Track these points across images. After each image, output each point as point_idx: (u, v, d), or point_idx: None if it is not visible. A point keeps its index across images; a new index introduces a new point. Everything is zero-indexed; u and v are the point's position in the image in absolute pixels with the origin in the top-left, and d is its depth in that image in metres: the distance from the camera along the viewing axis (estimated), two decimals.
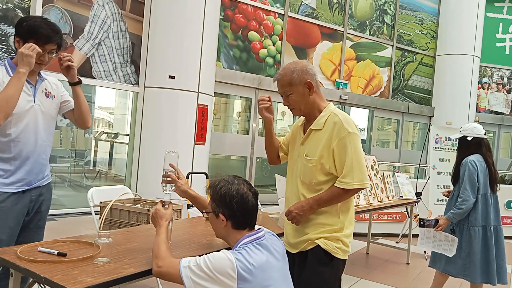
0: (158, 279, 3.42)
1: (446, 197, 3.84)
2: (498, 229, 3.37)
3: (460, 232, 3.35)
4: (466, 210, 3.27)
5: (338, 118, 1.95)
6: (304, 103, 2.01)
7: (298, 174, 2.06)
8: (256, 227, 1.76)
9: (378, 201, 4.38)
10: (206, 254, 1.59)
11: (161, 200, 1.85)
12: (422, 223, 3.45)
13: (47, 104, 2.30)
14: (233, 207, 1.68)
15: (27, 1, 5.57)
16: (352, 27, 9.56)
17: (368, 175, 4.45)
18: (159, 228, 1.78)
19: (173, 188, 1.94)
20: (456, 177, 3.48)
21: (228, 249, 1.67)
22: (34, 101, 2.22)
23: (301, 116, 2.13)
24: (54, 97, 2.39)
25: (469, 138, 3.43)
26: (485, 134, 3.49)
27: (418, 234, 3.63)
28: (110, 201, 3.17)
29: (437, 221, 3.40)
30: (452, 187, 3.67)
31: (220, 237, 1.79)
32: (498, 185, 3.46)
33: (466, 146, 3.43)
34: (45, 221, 2.34)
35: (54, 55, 2.25)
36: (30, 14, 5.56)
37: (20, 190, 2.13)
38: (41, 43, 2.15)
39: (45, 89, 2.34)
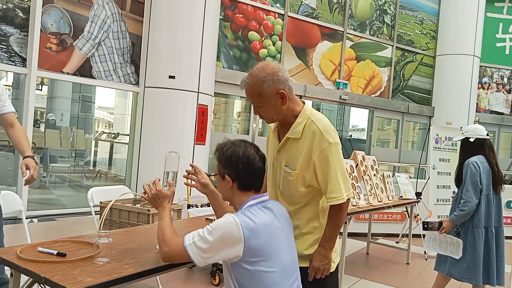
0: (158, 279, 3.43)
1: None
2: (499, 230, 3.35)
3: (465, 234, 3.32)
4: (469, 211, 3.24)
5: (316, 127, 1.81)
6: (276, 113, 1.85)
7: (277, 183, 1.96)
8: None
9: (378, 201, 4.38)
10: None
11: (158, 179, 1.82)
12: (425, 226, 3.41)
13: None
14: (239, 168, 1.67)
15: (27, 1, 5.56)
16: (352, 27, 9.56)
17: (368, 174, 4.45)
18: (162, 211, 1.75)
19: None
20: (459, 179, 3.44)
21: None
22: None
23: None
24: None
25: (471, 140, 3.40)
26: (487, 134, 3.47)
27: (418, 234, 3.65)
28: (110, 201, 3.16)
29: (441, 223, 3.37)
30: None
31: (226, 199, 1.79)
32: (503, 186, 3.43)
33: (469, 148, 3.41)
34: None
35: None
36: (30, 14, 5.56)
37: None
38: None
39: None
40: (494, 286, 3.32)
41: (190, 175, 1.95)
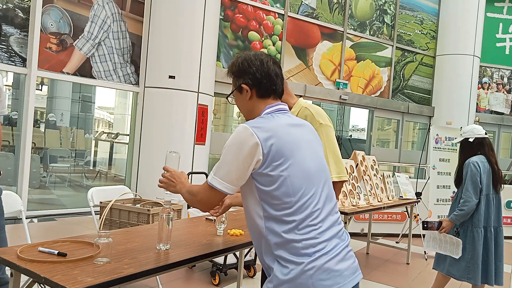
0: (158, 279, 3.43)
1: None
2: (498, 230, 3.36)
3: (464, 233, 3.33)
4: (469, 211, 3.25)
5: (309, 111, 1.89)
6: None
7: None
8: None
9: (378, 201, 4.39)
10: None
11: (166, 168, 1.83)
12: (425, 225, 3.43)
13: None
14: (253, 71, 1.58)
15: (27, 1, 5.56)
16: (352, 27, 9.56)
17: (368, 174, 4.45)
18: (183, 186, 1.73)
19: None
20: (459, 179, 3.45)
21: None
22: None
23: None
24: None
25: (471, 140, 3.42)
26: (486, 133, 3.49)
27: (418, 234, 3.66)
28: (110, 201, 3.17)
29: (440, 223, 3.38)
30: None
31: (247, 114, 1.66)
32: (502, 185, 3.44)
33: (468, 148, 3.43)
34: (0, 224, 2.19)
35: None
36: (30, 14, 5.56)
37: None
38: None
39: None
40: (493, 285, 3.33)
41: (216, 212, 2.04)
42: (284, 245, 1.42)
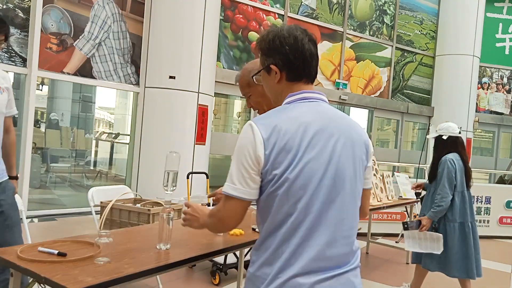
0: (158, 278, 3.44)
1: (414, 191, 4.13)
2: (473, 225, 3.52)
3: (438, 228, 3.50)
4: (446, 207, 3.39)
5: None
6: (266, 103, 1.83)
7: None
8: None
9: (378, 201, 4.39)
10: None
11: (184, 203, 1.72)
12: (406, 226, 3.52)
13: None
14: (285, 51, 1.36)
15: (27, 1, 5.57)
16: (352, 28, 9.57)
17: None
18: (204, 215, 1.56)
19: (174, 188, 1.94)
20: (433, 174, 3.58)
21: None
22: None
23: None
24: (4, 91, 2.18)
25: (444, 137, 3.54)
26: (459, 132, 3.62)
27: None
28: (111, 201, 3.17)
29: (419, 221, 3.49)
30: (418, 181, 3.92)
31: (274, 98, 1.47)
32: (472, 180, 3.63)
33: (442, 145, 3.55)
34: (14, 220, 2.23)
35: (3, 45, 2.08)
36: (31, 14, 5.56)
37: None
38: None
39: None
40: (475, 279, 3.47)
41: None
42: None
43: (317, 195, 1.27)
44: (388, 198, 4.60)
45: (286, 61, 1.37)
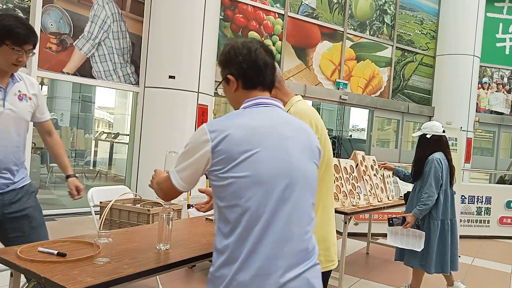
0: (158, 279, 3.43)
1: (383, 168, 4.28)
2: (453, 222, 3.62)
3: (421, 224, 3.57)
4: (431, 205, 3.47)
5: (289, 111, 1.83)
6: None
7: None
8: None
9: (378, 201, 4.39)
10: None
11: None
12: (391, 222, 3.58)
13: (20, 108, 2.15)
14: (239, 61, 1.44)
15: (27, 1, 5.56)
16: (352, 27, 9.56)
17: (368, 174, 4.45)
18: (155, 179, 1.65)
19: None
20: (418, 173, 3.63)
21: None
22: (4, 106, 2.08)
23: None
24: (30, 99, 2.22)
25: (428, 136, 3.60)
26: (443, 131, 3.67)
27: None
28: (110, 201, 3.17)
29: (404, 218, 3.56)
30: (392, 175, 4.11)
31: (235, 106, 1.55)
32: (455, 178, 3.72)
33: (426, 144, 3.62)
34: (38, 221, 2.28)
35: (31, 54, 2.12)
36: (30, 14, 5.56)
37: None
38: (18, 44, 2.04)
39: (18, 91, 2.16)
40: (448, 273, 3.61)
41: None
42: None
43: (270, 194, 1.29)
44: (388, 198, 4.60)
45: (241, 70, 1.45)
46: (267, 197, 1.29)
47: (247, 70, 1.44)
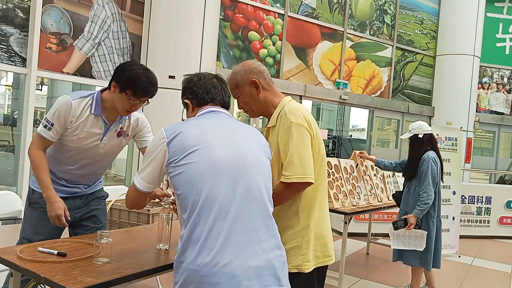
0: (158, 279, 3.43)
1: (360, 157, 4.30)
2: (439, 219, 3.69)
3: (421, 224, 3.60)
4: (430, 204, 3.52)
5: (283, 109, 1.83)
6: (254, 103, 1.92)
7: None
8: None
9: (378, 201, 4.38)
10: None
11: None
12: (396, 226, 3.58)
13: (113, 143, 2.35)
14: (191, 86, 1.75)
15: (27, 1, 5.56)
16: (352, 27, 9.56)
17: (368, 174, 4.45)
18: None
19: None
20: (412, 172, 3.66)
21: None
22: (101, 140, 2.26)
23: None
24: (127, 135, 2.45)
25: (420, 136, 3.65)
26: (431, 129, 3.75)
27: None
28: (110, 201, 3.17)
29: (406, 220, 3.55)
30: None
31: None
32: (443, 175, 3.78)
33: (420, 144, 3.66)
34: (103, 223, 2.49)
35: (145, 104, 2.33)
36: (30, 14, 5.56)
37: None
38: (137, 96, 2.21)
39: (120, 128, 2.36)
40: (429, 270, 3.64)
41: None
42: None
43: (223, 179, 1.43)
44: (388, 198, 4.60)
45: (193, 93, 1.74)
46: (220, 182, 1.43)
47: (198, 91, 1.72)
